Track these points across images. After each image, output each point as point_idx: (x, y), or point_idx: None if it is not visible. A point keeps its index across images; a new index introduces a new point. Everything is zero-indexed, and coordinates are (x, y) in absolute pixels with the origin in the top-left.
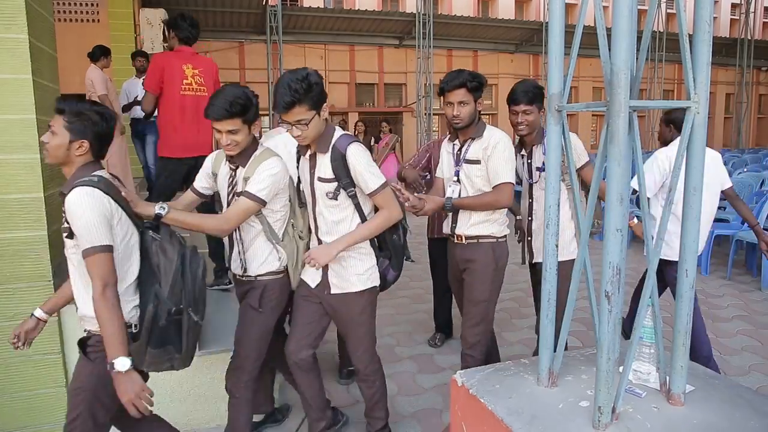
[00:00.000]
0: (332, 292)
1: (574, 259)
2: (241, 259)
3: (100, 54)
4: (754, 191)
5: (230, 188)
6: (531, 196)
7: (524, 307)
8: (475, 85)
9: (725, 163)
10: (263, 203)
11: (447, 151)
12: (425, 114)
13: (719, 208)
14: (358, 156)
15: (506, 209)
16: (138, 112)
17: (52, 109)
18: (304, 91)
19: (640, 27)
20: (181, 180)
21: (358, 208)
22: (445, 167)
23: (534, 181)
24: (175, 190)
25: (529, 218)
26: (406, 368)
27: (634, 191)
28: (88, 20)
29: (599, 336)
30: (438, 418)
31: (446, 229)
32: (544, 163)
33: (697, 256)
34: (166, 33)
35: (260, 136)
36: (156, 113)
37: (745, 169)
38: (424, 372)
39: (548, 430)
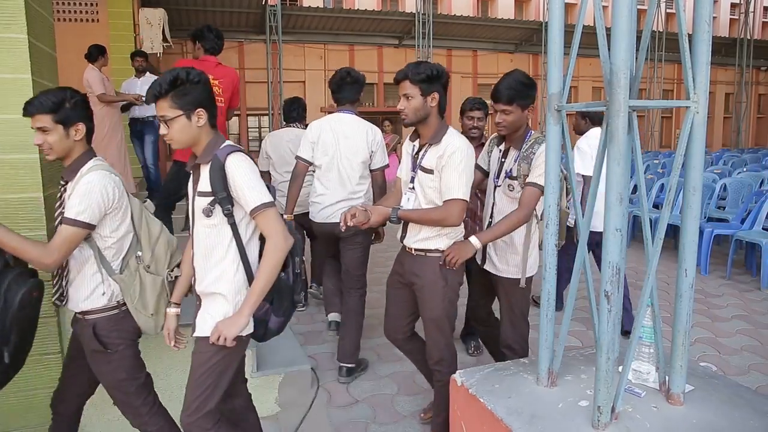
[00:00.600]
0: (194, 334)
1: (518, 279)
2: (60, 285)
3: (97, 54)
4: (754, 191)
5: (58, 207)
6: (494, 197)
7: None
8: (422, 77)
9: (725, 163)
10: (89, 227)
11: (407, 151)
12: None
13: (718, 207)
14: (238, 167)
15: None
16: (137, 111)
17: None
18: (168, 86)
19: (639, 27)
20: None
21: (234, 229)
22: (404, 169)
23: (498, 184)
24: (180, 193)
25: (490, 219)
26: (406, 368)
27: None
28: (87, 20)
29: (598, 335)
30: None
31: (398, 235)
32: (511, 170)
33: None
34: (193, 43)
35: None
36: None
37: (745, 169)
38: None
39: (548, 429)
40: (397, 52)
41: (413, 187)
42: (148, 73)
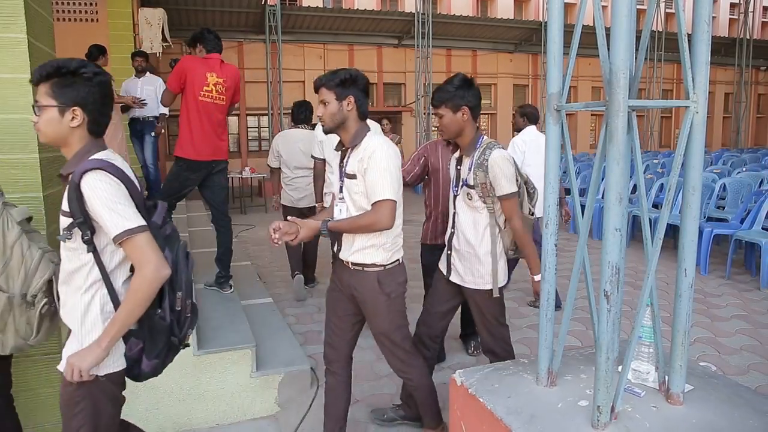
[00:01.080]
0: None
1: (488, 290)
2: None
3: (97, 54)
4: (753, 191)
5: None
6: (455, 207)
7: (523, 306)
8: (336, 82)
9: (724, 163)
10: None
11: (335, 162)
12: (424, 114)
13: (718, 207)
14: (95, 188)
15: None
16: (137, 111)
17: None
18: (51, 71)
19: (638, 27)
20: (193, 183)
21: (96, 256)
22: (334, 181)
23: (456, 193)
24: (181, 192)
25: (452, 230)
26: None
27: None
28: (87, 20)
29: (598, 335)
30: None
31: (333, 249)
32: (467, 179)
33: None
34: (193, 47)
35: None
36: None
37: (744, 169)
38: None
39: (547, 429)
40: (397, 52)
41: (342, 197)
42: (148, 72)
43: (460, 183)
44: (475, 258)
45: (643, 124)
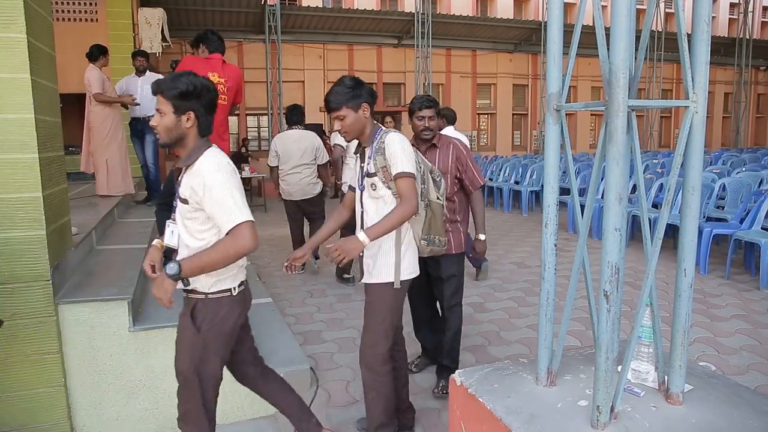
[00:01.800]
0: None
1: (392, 282)
2: None
3: (98, 53)
4: (753, 190)
5: None
6: (362, 205)
7: (522, 306)
8: (174, 93)
9: (724, 163)
10: None
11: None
12: None
13: (717, 207)
14: None
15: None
16: (137, 111)
17: (51, 109)
18: None
19: (638, 26)
20: None
21: None
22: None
23: (362, 188)
24: None
25: (361, 229)
26: None
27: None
28: (86, 20)
29: (598, 335)
30: (437, 417)
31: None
32: (369, 167)
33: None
34: (195, 47)
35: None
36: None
37: (744, 169)
38: (423, 372)
39: (547, 429)
40: (396, 52)
41: (175, 219)
42: (148, 72)
43: (363, 176)
44: (380, 250)
45: (642, 124)
